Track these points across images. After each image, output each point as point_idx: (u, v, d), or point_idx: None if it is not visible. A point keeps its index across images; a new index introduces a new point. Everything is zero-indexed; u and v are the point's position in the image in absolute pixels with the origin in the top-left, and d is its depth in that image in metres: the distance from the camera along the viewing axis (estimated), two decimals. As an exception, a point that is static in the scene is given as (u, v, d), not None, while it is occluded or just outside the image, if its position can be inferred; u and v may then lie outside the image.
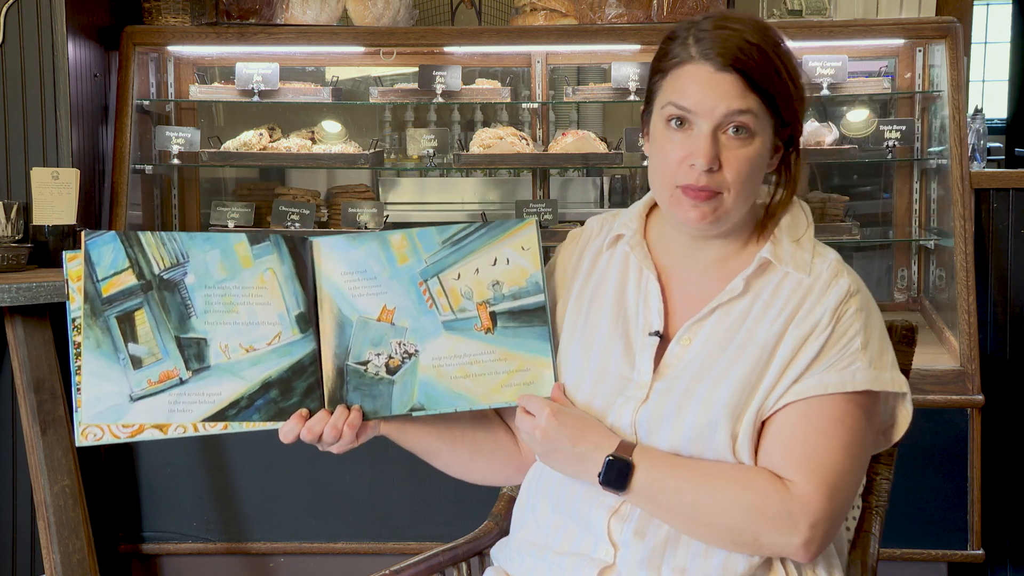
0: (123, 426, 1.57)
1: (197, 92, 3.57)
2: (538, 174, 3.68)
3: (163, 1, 3.42)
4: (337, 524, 3.20)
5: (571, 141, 3.49)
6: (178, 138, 3.46)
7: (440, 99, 3.49)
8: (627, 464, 1.51)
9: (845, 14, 3.80)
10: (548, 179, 3.72)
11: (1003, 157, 6.67)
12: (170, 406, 1.57)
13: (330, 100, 3.54)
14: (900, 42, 3.46)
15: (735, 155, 1.51)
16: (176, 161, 3.48)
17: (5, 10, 3.08)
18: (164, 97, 3.60)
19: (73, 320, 1.58)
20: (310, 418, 1.59)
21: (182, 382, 1.58)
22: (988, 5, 8.95)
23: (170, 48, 3.51)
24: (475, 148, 3.51)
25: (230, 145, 3.54)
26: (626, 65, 3.45)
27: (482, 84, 3.60)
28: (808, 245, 1.60)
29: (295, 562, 3.24)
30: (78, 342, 1.57)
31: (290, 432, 1.59)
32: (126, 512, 3.22)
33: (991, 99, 8.66)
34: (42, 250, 3.03)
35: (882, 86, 3.45)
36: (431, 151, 3.51)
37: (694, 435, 1.52)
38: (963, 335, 3.11)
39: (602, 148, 3.49)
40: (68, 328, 1.59)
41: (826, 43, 3.40)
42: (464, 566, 1.83)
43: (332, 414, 1.59)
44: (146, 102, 3.50)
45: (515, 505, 1.73)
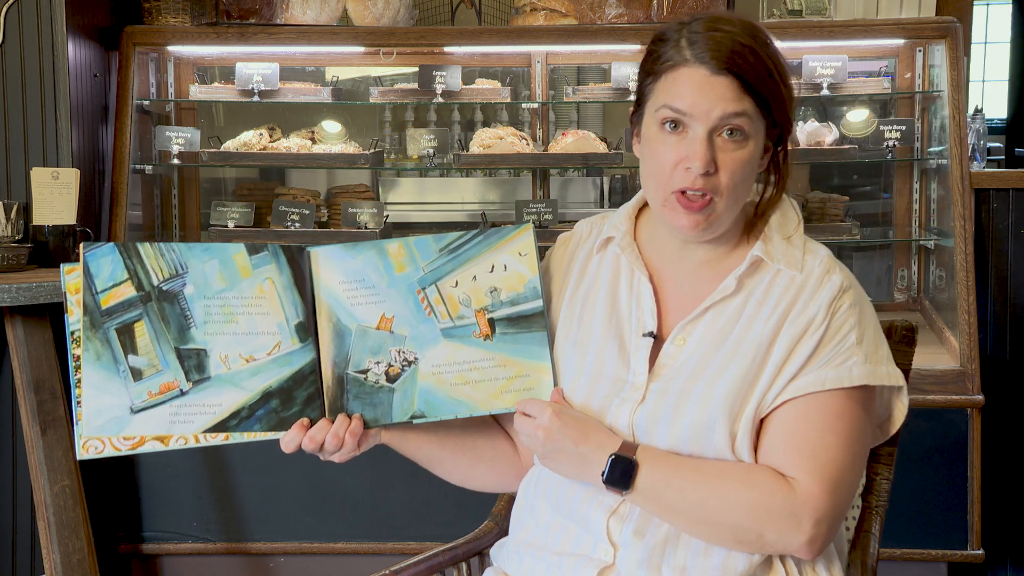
0: (124, 438, 1.57)
1: (197, 92, 3.56)
2: (538, 174, 3.68)
3: (163, 1, 3.42)
4: (337, 524, 3.20)
5: (571, 141, 3.49)
6: (178, 138, 3.46)
7: (440, 99, 3.49)
8: (631, 463, 1.51)
9: (845, 14, 3.79)
10: (548, 179, 3.72)
11: (1003, 157, 6.67)
12: (171, 418, 1.57)
13: (330, 100, 3.54)
14: (900, 42, 3.46)
15: (730, 158, 1.51)
16: (176, 161, 3.48)
17: (5, 10, 3.08)
18: (164, 97, 3.60)
19: (72, 333, 1.57)
20: (311, 427, 1.59)
21: (183, 393, 1.58)
22: (988, 5, 8.94)
23: (170, 48, 3.50)
24: (475, 148, 3.51)
25: (230, 145, 3.53)
26: (626, 65, 3.45)
27: (482, 84, 3.59)
28: (799, 242, 1.61)
29: (295, 562, 3.24)
30: (77, 355, 1.56)
31: (291, 442, 1.59)
32: (126, 512, 3.21)
33: (991, 99, 8.65)
34: (42, 250, 3.03)
35: (882, 86, 3.45)
36: (431, 151, 3.50)
37: (692, 435, 1.53)
38: (963, 335, 3.11)
39: (602, 148, 3.48)
40: (67, 340, 1.58)
41: (826, 43, 3.40)
42: (464, 566, 1.83)
43: (333, 423, 1.60)
44: (146, 102, 3.50)
45: (514, 506, 1.73)
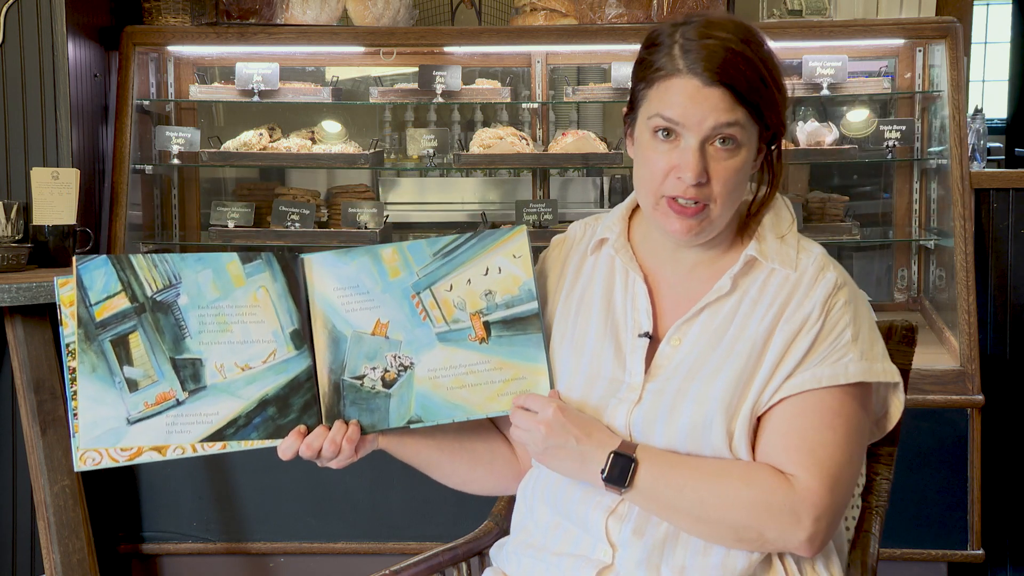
0: (121, 449, 1.57)
1: (197, 92, 3.56)
2: (538, 174, 3.68)
3: (163, 1, 3.42)
4: (337, 524, 3.20)
5: (571, 141, 3.49)
6: (178, 138, 3.46)
7: (440, 99, 3.49)
8: (630, 460, 1.51)
9: (845, 14, 3.79)
10: (548, 179, 3.72)
11: (1003, 157, 6.67)
12: (168, 427, 1.57)
13: (330, 100, 3.54)
14: (900, 42, 3.46)
15: (723, 166, 1.51)
16: (176, 161, 3.48)
17: (5, 10, 3.08)
18: (164, 97, 3.60)
19: (67, 345, 1.57)
20: (308, 434, 1.60)
21: (179, 403, 1.58)
22: (988, 5, 8.94)
23: (170, 48, 3.50)
24: (475, 148, 3.51)
25: (230, 145, 3.53)
26: (626, 65, 3.45)
27: (482, 84, 3.59)
28: (793, 241, 1.61)
29: (295, 562, 3.24)
30: (73, 367, 1.57)
31: (289, 449, 1.60)
32: (126, 512, 3.21)
33: (991, 99, 8.65)
34: (42, 250, 3.03)
35: (882, 86, 3.45)
36: (431, 151, 3.50)
37: (689, 434, 1.53)
38: (963, 335, 3.11)
39: (602, 148, 3.48)
40: (62, 353, 1.58)
41: (826, 43, 3.40)
42: (464, 566, 1.82)
43: (330, 429, 1.60)
44: (146, 102, 3.50)
45: (515, 509, 1.73)
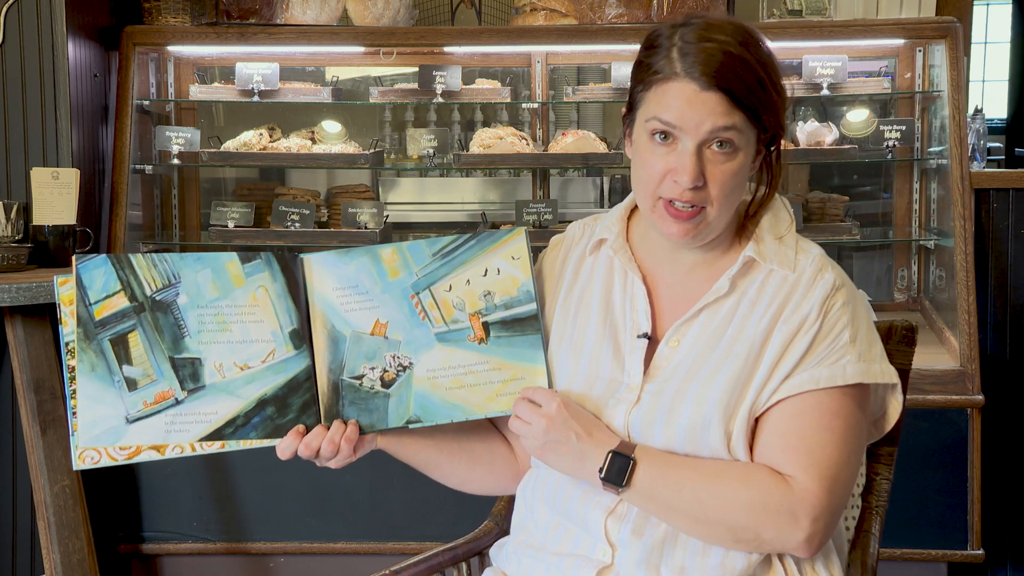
0: (120, 448, 1.57)
1: (197, 92, 3.56)
2: (538, 174, 3.68)
3: (163, 1, 3.42)
4: (337, 524, 3.20)
5: (571, 141, 3.49)
6: (178, 138, 3.46)
7: (440, 99, 3.49)
8: (629, 460, 1.51)
9: (845, 14, 3.79)
10: (548, 179, 3.72)
11: (1003, 157, 6.68)
12: (166, 427, 1.57)
13: (330, 100, 3.54)
14: (900, 42, 3.46)
15: (720, 170, 1.51)
16: (176, 161, 3.48)
17: (5, 10, 3.08)
18: (164, 97, 3.60)
19: (67, 344, 1.58)
20: (307, 434, 1.60)
21: (178, 402, 1.58)
22: (988, 5, 8.94)
23: (170, 48, 3.50)
24: (475, 148, 3.51)
25: (230, 145, 3.53)
26: (626, 65, 3.45)
27: (482, 84, 3.59)
28: (791, 241, 1.61)
29: (295, 562, 3.24)
30: (72, 366, 1.57)
31: (287, 448, 1.60)
32: (126, 512, 3.21)
33: (991, 99, 8.66)
34: (42, 250, 3.03)
35: (882, 86, 3.45)
36: (431, 151, 3.50)
37: (688, 435, 1.53)
38: (963, 335, 3.11)
39: (602, 148, 3.48)
40: (62, 352, 1.58)
41: (826, 43, 3.40)
42: (464, 566, 1.83)
43: (329, 429, 1.60)
44: (146, 102, 3.50)
45: (514, 509, 1.73)
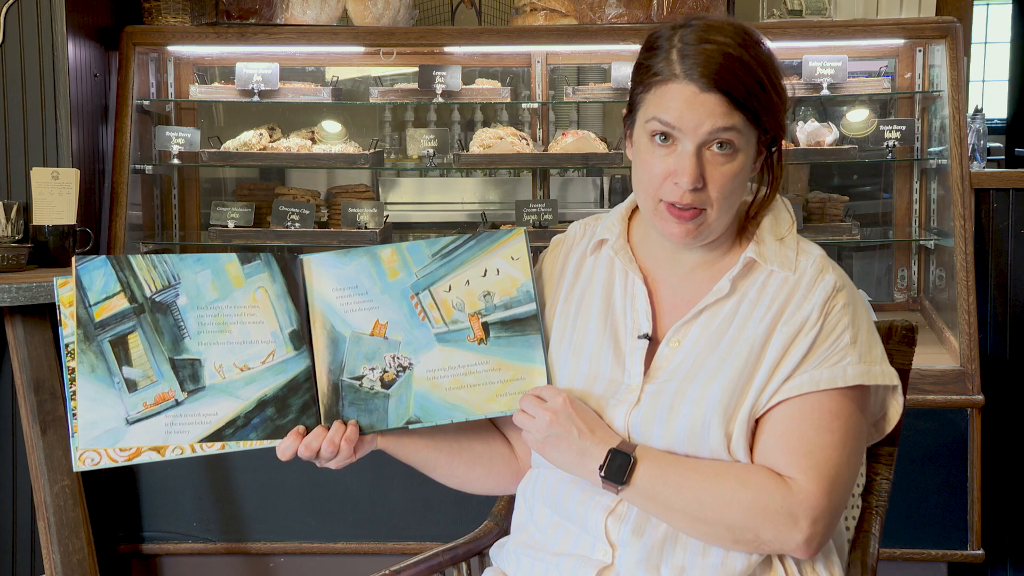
0: (120, 450, 1.57)
1: (197, 92, 3.56)
2: (538, 174, 3.68)
3: (163, 1, 3.42)
4: (337, 524, 3.20)
5: (571, 141, 3.49)
6: (178, 138, 3.46)
7: (440, 99, 3.49)
8: (629, 458, 1.52)
9: (845, 14, 3.79)
10: (548, 179, 3.72)
11: (1003, 157, 6.68)
12: (167, 428, 1.58)
13: (330, 100, 3.54)
14: (900, 42, 3.46)
15: (720, 171, 1.51)
16: (176, 161, 3.48)
17: (5, 10, 3.08)
18: (164, 97, 3.60)
19: (66, 346, 1.58)
20: (307, 435, 1.60)
21: (178, 403, 1.58)
22: (988, 5, 8.95)
23: (170, 48, 3.50)
24: (475, 148, 3.51)
25: (230, 145, 3.53)
26: (626, 65, 3.45)
27: (482, 84, 3.59)
28: (792, 243, 1.61)
29: (295, 562, 3.24)
30: (72, 367, 1.57)
31: (287, 449, 1.60)
32: (126, 512, 3.21)
33: (991, 99, 8.66)
34: (42, 250, 3.03)
35: (882, 86, 3.45)
36: (431, 151, 3.50)
37: (688, 435, 1.53)
38: (963, 335, 3.11)
39: (602, 148, 3.48)
40: (61, 353, 1.58)
41: (826, 43, 3.40)
42: (464, 566, 1.83)
43: (329, 430, 1.60)
44: (146, 102, 3.50)
45: (514, 509, 1.73)
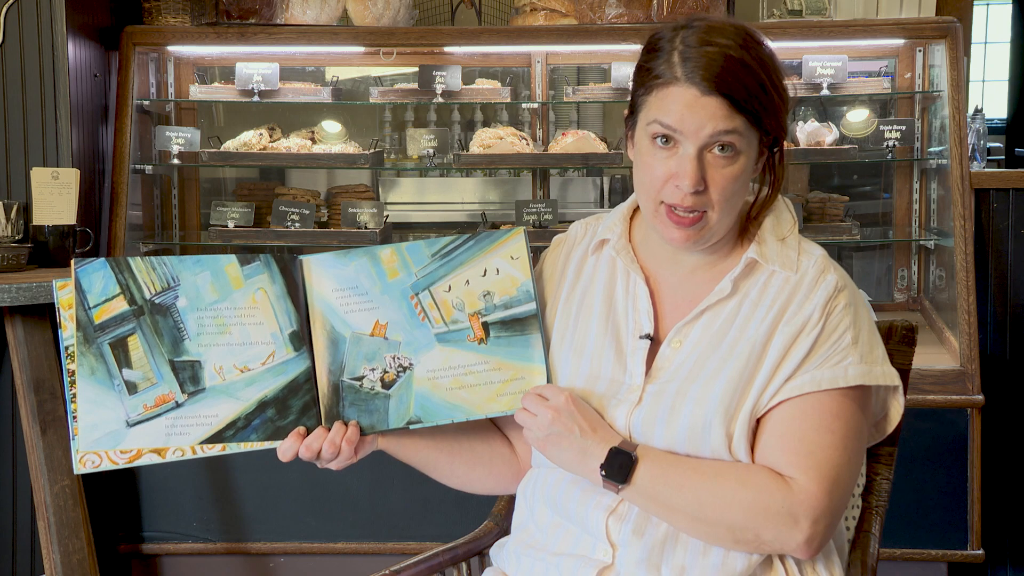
0: (121, 452, 1.57)
1: (197, 92, 3.56)
2: (538, 174, 3.68)
3: (163, 1, 3.42)
4: (337, 524, 3.20)
5: (571, 141, 3.49)
6: (178, 138, 3.46)
7: (440, 99, 3.49)
8: (630, 457, 1.52)
9: (845, 14, 3.79)
10: (548, 179, 3.72)
11: (1003, 157, 6.67)
12: (167, 430, 1.58)
13: (330, 100, 3.54)
14: (900, 42, 3.46)
15: (721, 174, 1.51)
16: (176, 161, 3.48)
17: (5, 10, 3.08)
18: (164, 97, 3.60)
19: (66, 348, 1.58)
20: (307, 436, 1.60)
21: (178, 405, 1.58)
22: (988, 5, 8.95)
23: (170, 48, 3.50)
24: (475, 148, 3.51)
25: (230, 145, 3.53)
26: (626, 65, 3.45)
27: (482, 84, 3.59)
28: (794, 243, 1.61)
29: (295, 562, 3.24)
30: (72, 370, 1.57)
31: (288, 450, 1.59)
32: (126, 512, 3.21)
33: (991, 99, 8.66)
34: (42, 250, 3.03)
35: (882, 86, 3.45)
36: (431, 151, 3.50)
37: (689, 435, 1.53)
38: (963, 335, 3.11)
39: (602, 148, 3.49)
40: (61, 355, 1.58)
41: (826, 43, 3.40)
42: (464, 566, 1.83)
43: (330, 431, 1.60)
44: (146, 102, 3.50)
45: (515, 509, 1.73)
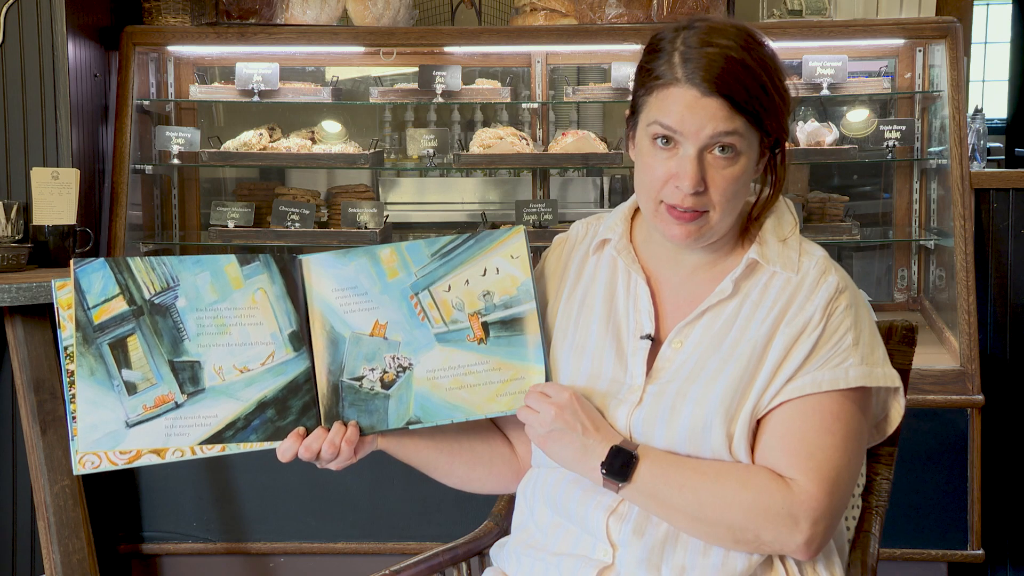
0: (120, 452, 1.57)
1: (197, 92, 3.56)
2: (538, 174, 3.68)
3: (163, 1, 3.42)
4: (337, 524, 3.20)
5: (571, 141, 3.49)
6: (178, 138, 3.46)
7: (440, 99, 3.49)
8: (631, 456, 1.52)
9: (845, 14, 3.79)
10: (548, 179, 3.72)
11: (1003, 157, 6.68)
12: (167, 430, 1.57)
13: (330, 100, 3.54)
14: (900, 42, 3.46)
15: (721, 175, 1.51)
16: (176, 161, 3.48)
17: (5, 10, 3.08)
18: (164, 97, 3.60)
19: (65, 348, 1.57)
20: (307, 436, 1.60)
21: (178, 406, 1.58)
22: (988, 5, 8.95)
23: (170, 48, 3.50)
24: (475, 148, 3.51)
25: (230, 145, 3.53)
26: (626, 65, 3.45)
27: (482, 84, 3.59)
28: (795, 243, 1.61)
29: (295, 562, 3.24)
30: (71, 370, 1.56)
31: (288, 451, 1.59)
32: (126, 512, 3.21)
33: (991, 99, 8.66)
34: (42, 250, 3.03)
35: (882, 86, 3.45)
36: (431, 151, 3.50)
37: (689, 436, 1.53)
38: (963, 335, 3.11)
39: (602, 148, 3.48)
40: (61, 356, 1.58)
41: (826, 43, 3.40)
42: (464, 566, 1.83)
43: (329, 431, 1.60)
44: (146, 102, 3.50)
45: (515, 509, 1.73)
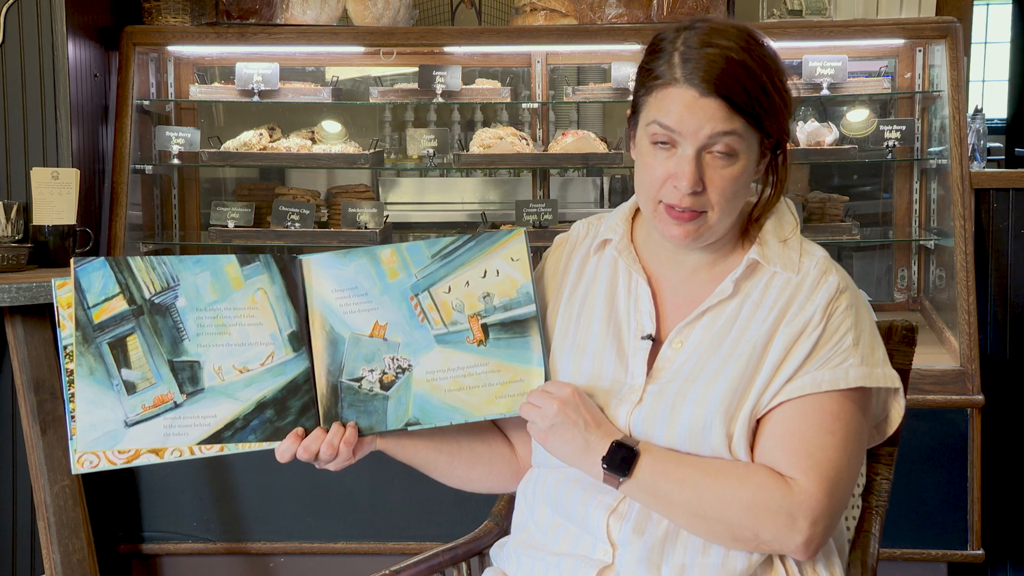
0: (119, 452, 1.57)
1: (197, 92, 3.56)
2: (538, 174, 3.68)
3: (163, 1, 3.42)
4: (337, 524, 3.20)
5: (571, 141, 3.49)
6: (178, 138, 3.46)
7: (440, 99, 3.49)
8: (632, 451, 1.52)
9: (845, 14, 3.79)
10: (548, 179, 3.72)
11: (1003, 157, 6.68)
12: (166, 430, 1.57)
13: (330, 100, 3.54)
14: (900, 42, 3.46)
15: (720, 175, 1.51)
16: (176, 161, 3.48)
17: (5, 10, 3.08)
18: (164, 97, 3.60)
19: (65, 348, 1.57)
20: (306, 437, 1.60)
21: (177, 406, 1.58)
22: (988, 5, 8.95)
23: (170, 48, 3.50)
24: (475, 148, 3.51)
25: (230, 145, 3.53)
26: (626, 65, 3.45)
27: (482, 84, 3.59)
28: (795, 244, 1.61)
29: (295, 562, 3.24)
30: (71, 369, 1.57)
31: (286, 451, 1.59)
32: (126, 512, 3.21)
33: (991, 99, 8.66)
34: (42, 250, 3.03)
35: (882, 86, 3.45)
36: (431, 151, 3.50)
37: (689, 436, 1.53)
38: (963, 335, 3.11)
39: (602, 148, 3.48)
40: (60, 355, 1.58)
41: (826, 43, 3.40)
42: (464, 566, 1.83)
43: (328, 432, 1.60)
44: (146, 102, 3.50)
45: (515, 509, 1.73)
